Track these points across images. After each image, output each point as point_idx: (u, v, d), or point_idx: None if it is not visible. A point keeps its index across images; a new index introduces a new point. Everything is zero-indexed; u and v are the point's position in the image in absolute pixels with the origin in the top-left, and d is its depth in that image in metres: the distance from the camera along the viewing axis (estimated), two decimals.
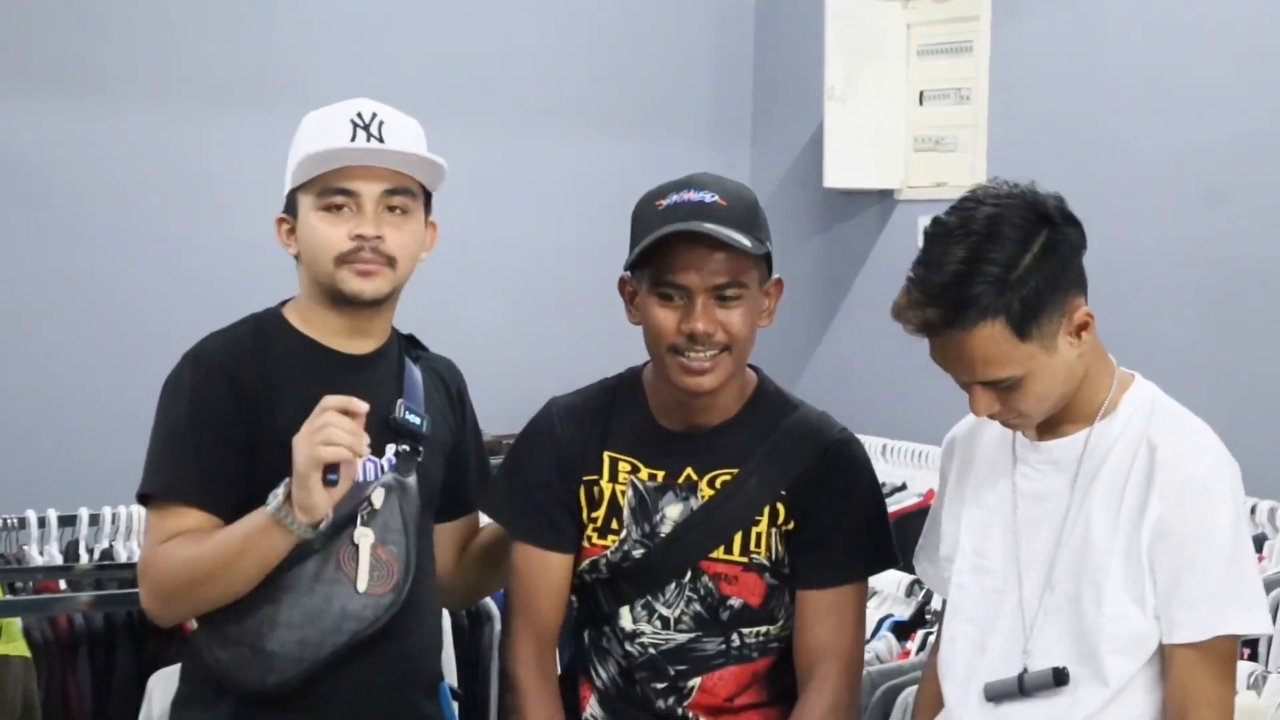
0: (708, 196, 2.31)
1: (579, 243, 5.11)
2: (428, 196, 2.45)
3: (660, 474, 2.42)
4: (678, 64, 5.48)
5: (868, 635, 3.38)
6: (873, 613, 3.47)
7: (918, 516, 3.94)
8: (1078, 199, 2.14)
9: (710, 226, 2.26)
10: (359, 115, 2.36)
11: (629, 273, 2.41)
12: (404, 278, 2.40)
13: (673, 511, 2.41)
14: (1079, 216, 2.12)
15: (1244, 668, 2.88)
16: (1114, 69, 4.51)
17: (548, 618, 2.46)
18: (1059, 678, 2.13)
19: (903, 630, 3.41)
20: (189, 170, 4.44)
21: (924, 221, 4.89)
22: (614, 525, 2.43)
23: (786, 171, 5.47)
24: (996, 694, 2.19)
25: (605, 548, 2.44)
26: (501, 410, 3.14)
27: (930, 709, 2.40)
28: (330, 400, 2.23)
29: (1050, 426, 2.17)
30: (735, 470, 2.40)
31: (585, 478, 2.44)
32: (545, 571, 2.44)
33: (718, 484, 2.40)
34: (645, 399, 2.47)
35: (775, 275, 2.41)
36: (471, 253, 4.63)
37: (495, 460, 2.74)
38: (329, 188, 2.33)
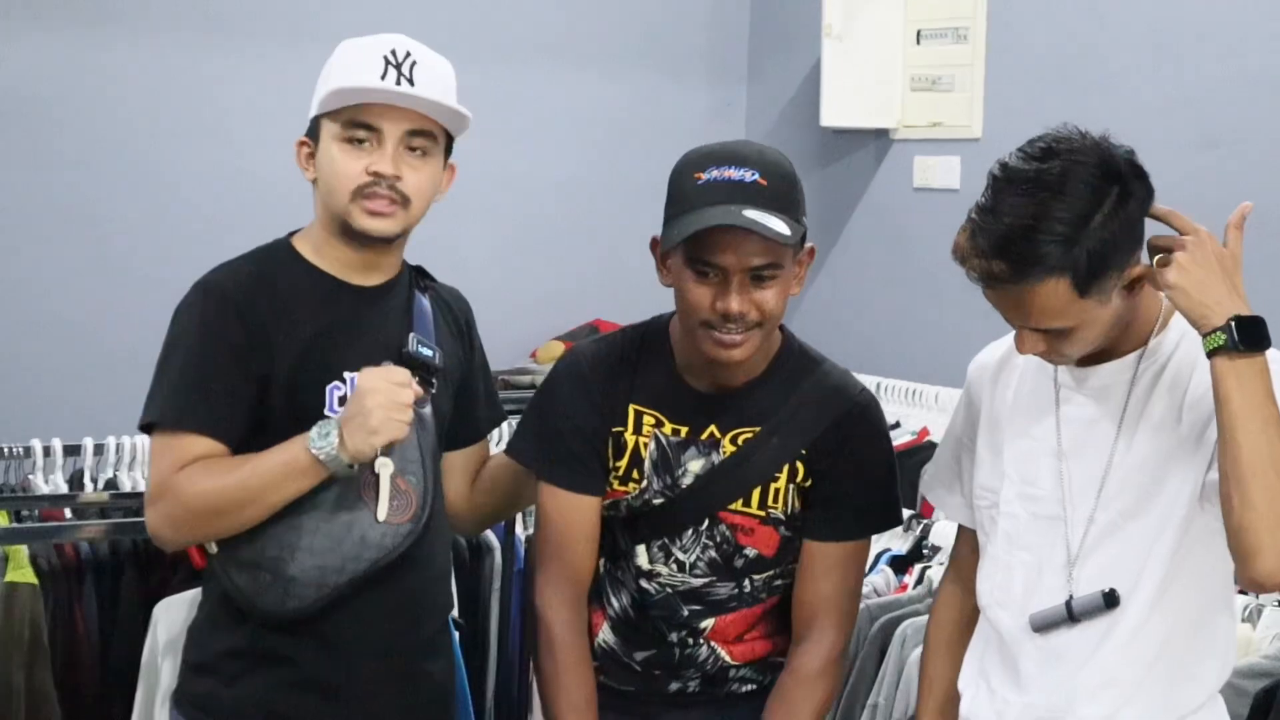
0: (748, 175, 2.28)
1: (577, 180, 5.11)
2: (449, 138, 2.46)
3: (684, 429, 2.43)
4: (676, 0, 5.47)
5: (865, 570, 3.44)
6: (871, 547, 3.51)
7: (911, 454, 3.99)
8: None
9: (749, 216, 2.23)
10: (392, 53, 2.35)
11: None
12: (416, 218, 2.41)
13: (694, 465, 2.43)
14: None
15: (1239, 600, 2.91)
16: (1112, 9, 4.51)
17: (583, 561, 2.47)
18: (1109, 600, 2.13)
19: (900, 564, 3.45)
20: (193, 102, 4.43)
21: (922, 161, 4.99)
22: (635, 475, 2.45)
23: (783, 110, 5.47)
24: (1043, 624, 2.18)
25: (626, 492, 2.46)
26: (499, 346, 3.13)
27: (950, 641, 2.40)
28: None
29: (1095, 355, 2.16)
30: (757, 429, 2.42)
31: (613, 428, 2.45)
32: (578, 515, 2.45)
33: (739, 441, 2.42)
34: (671, 353, 2.47)
35: (809, 244, 2.38)
36: (469, 189, 4.58)
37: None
38: (353, 120, 2.33)
